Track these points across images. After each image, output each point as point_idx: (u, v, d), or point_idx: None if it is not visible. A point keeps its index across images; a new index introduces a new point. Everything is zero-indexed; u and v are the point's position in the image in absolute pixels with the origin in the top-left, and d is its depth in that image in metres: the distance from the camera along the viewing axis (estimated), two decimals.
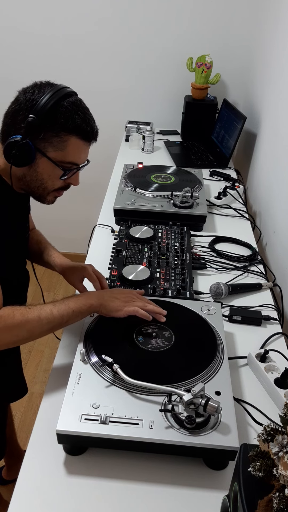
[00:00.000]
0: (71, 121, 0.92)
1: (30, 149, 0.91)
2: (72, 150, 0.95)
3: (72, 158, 0.96)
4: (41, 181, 0.98)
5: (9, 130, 0.93)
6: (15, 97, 0.94)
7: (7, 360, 1.24)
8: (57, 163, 0.95)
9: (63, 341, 1.07)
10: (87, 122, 0.94)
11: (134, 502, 0.76)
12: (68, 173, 0.98)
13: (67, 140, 0.93)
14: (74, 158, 0.97)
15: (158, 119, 2.51)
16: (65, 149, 0.94)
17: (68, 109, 0.92)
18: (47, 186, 0.99)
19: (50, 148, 0.93)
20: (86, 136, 0.95)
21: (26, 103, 0.90)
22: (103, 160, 2.32)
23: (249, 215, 1.69)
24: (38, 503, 0.75)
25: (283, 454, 0.53)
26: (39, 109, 0.89)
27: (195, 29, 2.26)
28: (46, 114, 0.89)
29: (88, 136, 0.96)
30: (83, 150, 0.98)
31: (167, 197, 1.59)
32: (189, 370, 0.89)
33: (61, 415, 0.79)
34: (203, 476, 0.80)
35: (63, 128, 0.92)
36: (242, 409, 0.92)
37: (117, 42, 2.33)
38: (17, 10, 2.27)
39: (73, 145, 0.94)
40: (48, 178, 0.98)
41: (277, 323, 1.17)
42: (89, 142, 0.98)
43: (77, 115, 0.93)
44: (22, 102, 0.91)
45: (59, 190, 1.04)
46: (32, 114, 0.89)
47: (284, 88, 1.57)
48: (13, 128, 0.92)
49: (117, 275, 1.23)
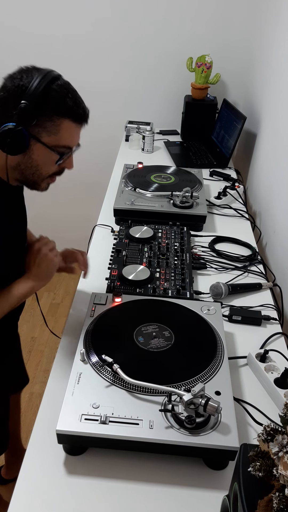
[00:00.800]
0: (62, 104, 0.90)
1: (24, 136, 0.89)
2: (65, 134, 0.93)
3: (66, 141, 0.95)
4: (36, 167, 0.96)
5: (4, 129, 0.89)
6: (1, 85, 0.91)
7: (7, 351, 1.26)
8: (52, 148, 0.93)
9: (63, 341, 1.07)
10: (78, 104, 0.93)
11: (134, 502, 0.76)
12: (63, 157, 0.96)
13: (60, 124, 0.92)
14: (68, 141, 0.95)
15: (158, 119, 2.51)
16: (58, 133, 0.92)
17: (59, 92, 0.90)
18: (42, 172, 0.97)
19: (44, 133, 0.91)
20: (78, 118, 0.94)
21: (15, 90, 0.88)
22: (103, 160, 2.32)
23: (249, 215, 1.69)
24: (38, 503, 0.75)
25: (283, 454, 0.53)
26: (30, 94, 0.87)
27: (195, 29, 2.26)
28: (38, 98, 0.87)
29: (80, 118, 0.95)
30: (75, 132, 0.97)
31: (167, 197, 1.59)
32: (189, 370, 0.89)
33: (61, 415, 0.79)
34: (203, 476, 0.80)
35: (55, 112, 0.90)
36: (242, 409, 0.92)
37: (117, 42, 2.33)
38: (17, 10, 2.27)
39: (66, 128, 0.93)
40: (43, 165, 0.96)
41: (277, 323, 1.17)
42: (81, 124, 0.97)
43: (68, 98, 0.91)
44: (11, 88, 0.88)
45: (52, 176, 1.02)
46: (23, 100, 0.87)
47: (284, 88, 1.57)
48: (4, 116, 0.89)
49: (117, 275, 1.23)
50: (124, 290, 1.15)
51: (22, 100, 0.87)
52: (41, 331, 2.48)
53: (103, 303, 1.07)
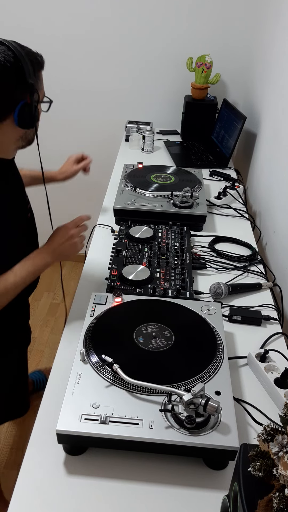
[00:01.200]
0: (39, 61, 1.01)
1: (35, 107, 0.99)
2: (42, 84, 1.05)
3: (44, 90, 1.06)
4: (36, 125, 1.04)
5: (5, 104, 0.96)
6: None
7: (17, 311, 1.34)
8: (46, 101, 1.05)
9: (63, 341, 1.08)
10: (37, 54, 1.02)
11: (134, 502, 0.76)
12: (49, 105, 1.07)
13: (39, 77, 1.02)
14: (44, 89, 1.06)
15: (158, 119, 2.51)
16: (41, 86, 1.04)
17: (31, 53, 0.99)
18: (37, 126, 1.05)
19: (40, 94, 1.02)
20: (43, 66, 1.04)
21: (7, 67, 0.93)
22: (103, 160, 2.32)
23: (249, 215, 1.69)
24: (38, 503, 0.75)
25: (283, 454, 0.53)
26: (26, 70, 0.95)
27: (195, 29, 2.26)
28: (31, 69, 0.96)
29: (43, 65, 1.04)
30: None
31: (167, 197, 1.59)
32: (189, 370, 0.89)
33: (61, 415, 0.79)
34: (203, 476, 0.80)
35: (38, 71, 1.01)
36: (242, 409, 0.92)
37: (117, 42, 2.33)
38: (17, 10, 2.27)
39: (42, 79, 1.04)
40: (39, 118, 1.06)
41: (277, 323, 1.17)
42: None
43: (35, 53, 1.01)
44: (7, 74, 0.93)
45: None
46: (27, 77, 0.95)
47: (284, 88, 1.57)
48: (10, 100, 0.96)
49: (117, 275, 1.23)
50: (124, 290, 1.15)
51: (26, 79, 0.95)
52: (41, 331, 2.48)
53: (103, 303, 1.07)
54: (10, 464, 1.82)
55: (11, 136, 1.02)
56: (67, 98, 2.49)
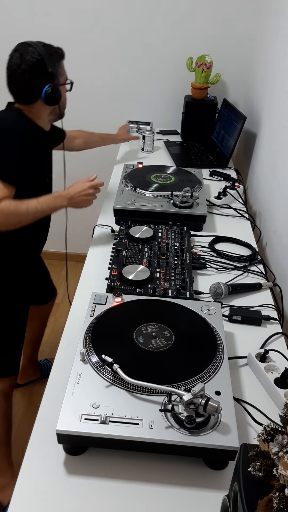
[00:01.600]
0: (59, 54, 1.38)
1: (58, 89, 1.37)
2: (64, 70, 1.43)
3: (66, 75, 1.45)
4: (63, 102, 1.45)
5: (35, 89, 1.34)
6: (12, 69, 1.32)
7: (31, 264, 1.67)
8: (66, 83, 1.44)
9: (63, 341, 1.08)
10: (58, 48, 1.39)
11: (134, 502, 0.76)
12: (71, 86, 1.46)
13: (61, 66, 1.40)
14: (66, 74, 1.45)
15: (158, 119, 2.51)
16: (63, 72, 1.42)
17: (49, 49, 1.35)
18: (65, 103, 1.48)
19: (61, 78, 1.40)
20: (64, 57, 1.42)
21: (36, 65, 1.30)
22: (103, 160, 2.32)
23: (249, 215, 1.69)
24: (38, 503, 0.75)
25: (283, 454, 0.53)
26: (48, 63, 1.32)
27: (195, 29, 2.26)
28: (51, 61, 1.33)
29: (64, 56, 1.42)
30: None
31: (167, 197, 1.59)
32: (189, 370, 0.89)
33: (61, 415, 0.79)
34: (203, 476, 0.80)
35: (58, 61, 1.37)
36: (242, 409, 0.92)
37: (117, 42, 2.33)
38: (17, 10, 2.27)
39: (63, 66, 1.42)
40: (65, 98, 1.45)
41: (277, 323, 1.17)
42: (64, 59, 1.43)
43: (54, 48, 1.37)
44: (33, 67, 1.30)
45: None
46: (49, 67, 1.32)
47: (284, 87, 1.57)
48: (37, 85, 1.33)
49: (117, 275, 1.23)
50: (124, 290, 1.15)
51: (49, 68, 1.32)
52: None
53: (103, 303, 1.07)
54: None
55: (44, 111, 1.41)
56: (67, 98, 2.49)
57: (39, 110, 1.40)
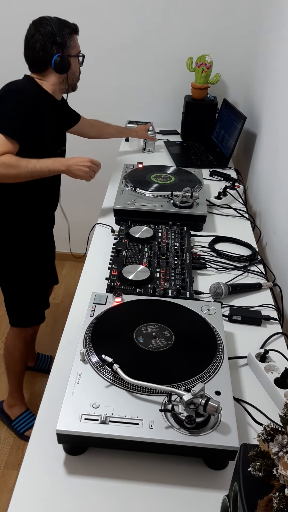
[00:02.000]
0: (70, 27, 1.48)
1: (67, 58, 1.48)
2: (77, 44, 1.53)
3: (78, 48, 1.55)
4: (74, 74, 1.55)
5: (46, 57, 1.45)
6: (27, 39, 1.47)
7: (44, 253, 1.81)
8: (75, 56, 1.53)
9: (63, 341, 1.08)
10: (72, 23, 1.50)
11: (134, 502, 0.76)
12: (81, 58, 1.57)
13: (73, 39, 1.50)
14: (79, 48, 1.55)
15: (158, 119, 2.51)
16: (75, 45, 1.51)
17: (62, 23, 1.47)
18: (76, 75, 1.58)
19: (72, 50, 1.50)
20: (77, 31, 1.53)
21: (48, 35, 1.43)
22: (103, 160, 2.32)
23: (249, 215, 1.69)
24: (38, 503, 0.75)
25: (283, 454, 0.53)
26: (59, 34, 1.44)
27: (195, 29, 2.26)
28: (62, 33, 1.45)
29: (77, 31, 1.53)
30: (78, 41, 1.55)
31: (167, 197, 1.59)
32: (189, 370, 0.89)
33: (61, 415, 0.79)
34: (203, 476, 0.80)
35: (70, 34, 1.48)
36: (242, 409, 0.92)
37: (117, 41, 2.33)
38: (18, 9, 2.26)
39: (76, 40, 1.53)
40: (76, 69, 1.55)
41: (277, 323, 1.17)
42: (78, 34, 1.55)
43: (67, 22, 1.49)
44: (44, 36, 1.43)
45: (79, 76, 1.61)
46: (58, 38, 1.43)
47: (284, 88, 1.57)
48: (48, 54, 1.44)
49: (117, 275, 1.23)
50: (124, 290, 1.15)
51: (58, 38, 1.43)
52: (41, 331, 2.48)
53: (103, 303, 1.07)
54: (10, 464, 1.82)
55: (55, 80, 1.50)
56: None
57: (50, 79, 1.50)
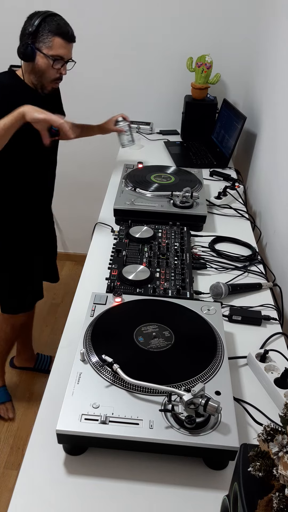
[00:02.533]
0: (52, 27, 1.41)
1: (32, 48, 1.42)
2: (56, 47, 1.43)
3: (57, 52, 1.43)
4: (43, 72, 1.46)
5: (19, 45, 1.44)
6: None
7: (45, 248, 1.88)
8: (47, 56, 1.43)
9: (63, 341, 1.08)
10: (64, 27, 1.43)
11: (134, 502, 0.76)
12: (56, 62, 1.44)
13: (53, 40, 1.42)
14: (58, 52, 1.44)
15: (158, 119, 2.51)
16: (52, 46, 1.43)
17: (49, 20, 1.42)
18: (47, 75, 1.47)
19: (43, 47, 1.42)
20: (64, 36, 1.43)
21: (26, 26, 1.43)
22: (103, 160, 2.32)
23: (249, 215, 1.69)
24: (38, 503, 0.75)
25: (283, 454, 0.53)
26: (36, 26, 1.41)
27: (195, 29, 2.26)
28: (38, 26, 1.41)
29: (65, 36, 1.44)
30: (64, 47, 1.45)
31: (167, 197, 1.59)
32: (189, 370, 0.89)
33: (61, 415, 0.79)
34: (203, 476, 0.80)
35: (49, 32, 1.41)
36: (242, 409, 0.92)
37: (117, 41, 2.33)
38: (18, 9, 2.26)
39: (57, 43, 1.43)
40: (46, 69, 1.45)
41: (277, 323, 1.17)
42: (68, 41, 1.45)
43: (56, 23, 1.42)
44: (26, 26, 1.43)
45: (55, 81, 1.51)
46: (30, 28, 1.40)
47: (284, 88, 1.57)
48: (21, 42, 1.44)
49: (117, 275, 1.23)
50: (124, 290, 1.15)
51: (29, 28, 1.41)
52: (40, 331, 2.48)
53: (103, 303, 1.07)
54: (10, 464, 1.82)
55: (25, 68, 1.48)
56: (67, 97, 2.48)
57: (24, 68, 1.49)
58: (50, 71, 1.46)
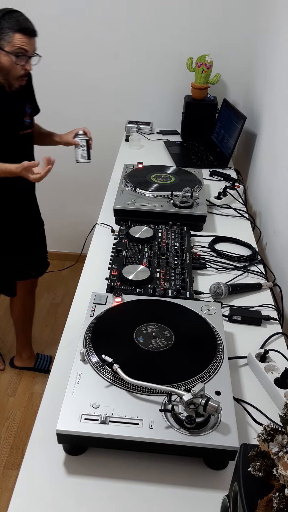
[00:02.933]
0: (13, 23, 1.42)
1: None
2: (18, 42, 1.44)
3: (18, 48, 1.44)
4: (6, 70, 1.48)
5: None
6: None
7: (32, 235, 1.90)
8: (9, 52, 1.44)
9: (63, 341, 1.08)
10: (24, 22, 1.45)
11: (134, 502, 0.76)
12: (19, 58, 1.46)
13: (13, 36, 1.43)
14: (19, 47, 1.44)
15: (158, 119, 2.51)
16: (13, 42, 1.44)
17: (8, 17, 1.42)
18: (11, 73, 1.49)
19: (5, 44, 1.43)
20: (25, 32, 1.45)
21: None
22: (103, 160, 2.32)
23: (249, 215, 1.69)
24: (38, 503, 0.75)
25: (283, 454, 0.53)
26: None
27: (195, 29, 2.26)
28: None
29: (26, 31, 1.45)
30: (26, 42, 1.46)
31: (167, 197, 1.59)
32: (189, 370, 0.89)
33: (61, 415, 0.79)
34: (203, 476, 0.80)
35: (9, 29, 1.42)
36: (242, 409, 0.92)
37: (117, 41, 2.33)
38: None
39: (17, 39, 1.44)
40: (10, 67, 1.48)
41: (277, 323, 1.17)
42: (29, 36, 1.46)
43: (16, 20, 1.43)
44: None
45: (21, 78, 1.53)
46: None
47: (284, 87, 1.57)
48: None
49: (117, 275, 1.23)
50: (124, 290, 1.15)
51: None
52: (40, 331, 2.48)
53: (103, 303, 1.07)
54: (10, 464, 1.82)
55: None
56: (67, 98, 2.49)
57: None
58: (15, 68, 1.48)
